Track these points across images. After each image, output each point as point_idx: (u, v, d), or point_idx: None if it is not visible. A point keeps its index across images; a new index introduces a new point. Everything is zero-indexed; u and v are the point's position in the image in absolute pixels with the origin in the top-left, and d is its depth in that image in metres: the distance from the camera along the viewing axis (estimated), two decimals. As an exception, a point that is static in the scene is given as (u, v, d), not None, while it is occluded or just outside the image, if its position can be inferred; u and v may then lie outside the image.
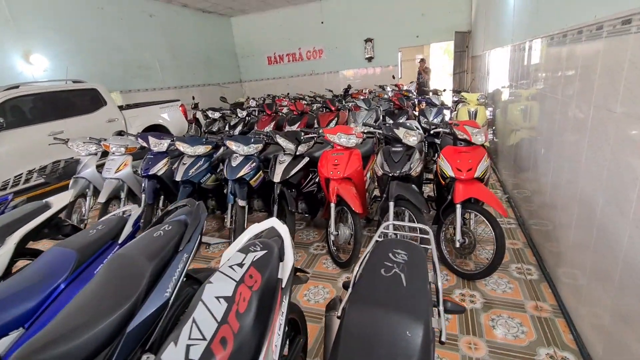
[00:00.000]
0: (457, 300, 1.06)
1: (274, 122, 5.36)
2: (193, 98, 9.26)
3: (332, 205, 2.50)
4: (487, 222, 2.14)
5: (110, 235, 1.47)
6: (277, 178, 2.58)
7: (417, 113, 5.05)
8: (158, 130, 6.34)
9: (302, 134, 2.67)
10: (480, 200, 2.21)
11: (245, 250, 1.13)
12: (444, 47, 13.72)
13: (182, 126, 6.85)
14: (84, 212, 3.31)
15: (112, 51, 7.39)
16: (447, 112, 7.10)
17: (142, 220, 1.75)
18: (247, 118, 5.66)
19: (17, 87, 4.38)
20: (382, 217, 2.48)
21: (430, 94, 6.13)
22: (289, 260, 1.13)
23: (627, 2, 1.29)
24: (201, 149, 2.95)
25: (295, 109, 5.23)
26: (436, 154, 4.07)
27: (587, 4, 1.73)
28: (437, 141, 3.66)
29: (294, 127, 5.05)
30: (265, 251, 1.12)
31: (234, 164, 2.77)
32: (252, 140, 2.84)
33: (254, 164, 2.79)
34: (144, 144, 3.10)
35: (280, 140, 2.62)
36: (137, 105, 6.07)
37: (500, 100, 4.44)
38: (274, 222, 1.28)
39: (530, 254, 2.52)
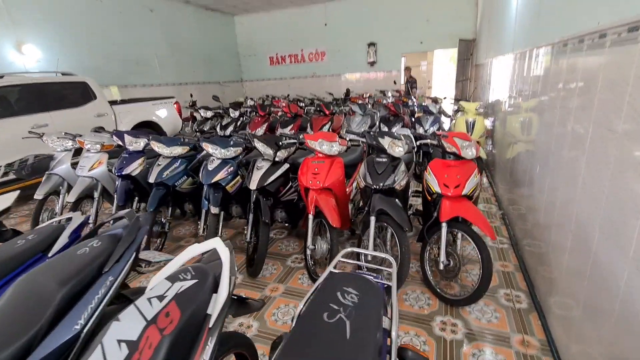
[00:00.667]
0: (418, 349, 0.88)
1: (266, 124, 5.21)
2: (191, 96, 9.14)
3: (310, 217, 2.33)
4: (473, 244, 1.97)
5: (40, 247, 1.31)
6: (253, 185, 2.41)
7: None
8: (150, 127, 6.21)
9: (284, 138, 2.50)
10: (467, 219, 2.03)
11: (173, 278, 0.96)
12: (450, 54, 13.57)
13: (176, 124, 6.70)
14: (56, 210, 3.16)
15: (109, 45, 7.27)
16: (446, 120, 6.95)
17: (87, 227, 1.59)
18: (240, 118, 5.51)
19: (1, 77, 4.25)
20: (363, 231, 2.31)
21: (430, 101, 5.95)
22: (223, 291, 0.96)
23: (636, 6, 1.12)
24: (178, 150, 2.80)
25: (288, 111, 5.08)
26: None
27: (591, 9, 1.56)
28: (431, 150, 3.50)
29: (287, 130, 4.89)
30: (196, 281, 0.95)
31: (210, 167, 2.61)
32: (231, 142, 2.68)
33: (232, 168, 2.63)
34: (120, 142, 2.94)
35: (259, 144, 2.45)
36: (129, 101, 5.92)
37: (500, 110, 4.26)
38: (216, 243, 1.11)
39: (521, 279, 2.34)
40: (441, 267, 2.04)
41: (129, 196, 2.92)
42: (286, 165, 2.56)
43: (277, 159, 2.51)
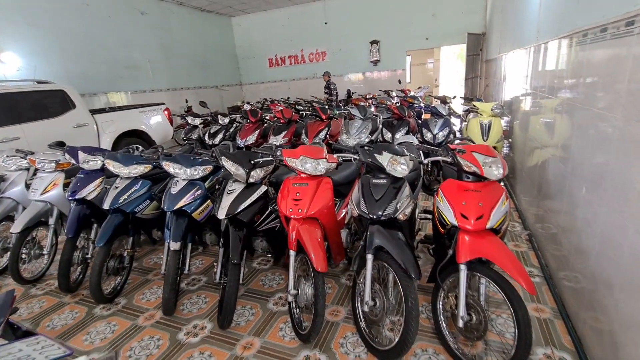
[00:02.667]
0: None
1: (257, 132, 4.75)
2: (186, 101, 8.76)
3: (292, 253, 1.86)
4: (504, 297, 1.47)
5: None
6: (221, 213, 1.95)
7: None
8: (138, 136, 5.82)
9: (260, 154, 2.02)
10: (493, 262, 1.53)
11: None
12: (458, 51, 12.96)
13: (166, 132, 6.31)
14: (9, 240, 2.75)
15: (96, 50, 6.92)
16: (457, 121, 6.41)
17: None
18: (231, 125, 5.07)
19: (-35, 87, 3.89)
20: (357, 272, 1.83)
21: (438, 102, 5.43)
22: None
23: None
24: (138, 170, 2.35)
25: (281, 116, 4.61)
26: (440, 172, 3.38)
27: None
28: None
29: (279, 138, 4.43)
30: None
31: (173, 190, 2.16)
32: (199, 160, 2.22)
33: (200, 191, 2.17)
34: (72, 161, 2.51)
35: (227, 163, 1.99)
36: (112, 109, 5.53)
37: (519, 109, 3.73)
38: None
39: (563, 330, 1.82)
40: (460, 324, 1.54)
41: (84, 224, 2.48)
42: (263, 188, 2.09)
43: (252, 180, 2.04)
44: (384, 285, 1.79)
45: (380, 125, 4.29)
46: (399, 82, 8.30)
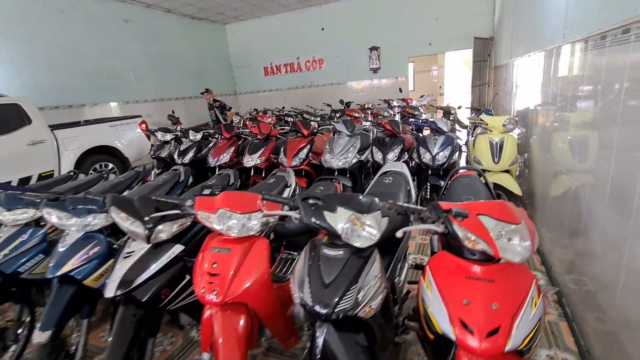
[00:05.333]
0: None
1: (233, 149, 4.17)
2: (173, 112, 8.25)
3: (205, 356, 1.22)
4: None
5: None
6: (109, 289, 1.33)
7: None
8: (108, 153, 5.29)
9: (169, 204, 1.41)
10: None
11: None
12: (464, 57, 12.31)
13: (142, 148, 5.76)
14: None
15: (73, 59, 6.47)
16: (463, 133, 5.73)
17: None
18: (205, 142, 4.49)
19: None
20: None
21: (440, 114, 4.79)
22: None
23: None
24: (27, 214, 1.75)
25: (258, 132, 4.01)
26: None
27: None
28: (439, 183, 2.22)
29: (255, 157, 3.83)
30: None
31: (61, 247, 1.56)
32: (97, 204, 1.61)
33: (97, 247, 1.56)
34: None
35: (119, 217, 1.37)
36: (77, 124, 5.00)
37: (536, 123, 3.07)
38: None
39: None
40: None
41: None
42: (177, 249, 1.46)
43: (154, 241, 1.42)
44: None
45: (372, 144, 3.66)
46: (400, 90, 7.67)
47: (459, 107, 5.41)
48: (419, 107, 5.81)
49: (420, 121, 4.24)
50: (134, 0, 7.36)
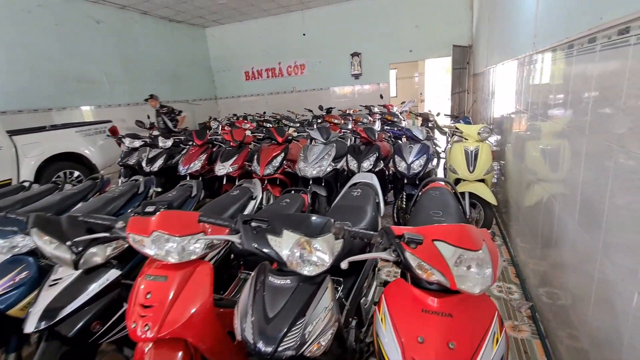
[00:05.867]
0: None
1: (205, 156, 3.99)
2: (148, 117, 7.97)
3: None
4: None
5: None
6: (30, 323, 1.16)
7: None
8: (75, 161, 5.01)
9: (101, 225, 1.25)
10: None
11: None
12: (445, 64, 12.50)
13: (112, 155, 5.48)
14: None
15: (39, 62, 6.15)
16: (443, 140, 5.72)
17: None
18: (177, 149, 4.30)
19: None
20: None
21: (418, 121, 4.77)
22: None
23: None
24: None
25: (231, 139, 3.86)
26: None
27: None
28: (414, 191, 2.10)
29: (227, 165, 3.67)
30: None
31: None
32: (20, 225, 1.43)
33: (25, 274, 1.38)
34: None
35: (41, 241, 1.21)
36: (39, 129, 4.71)
37: (511, 130, 3.05)
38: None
39: None
40: None
41: None
42: (112, 274, 1.30)
43: (94, 261, 1.26)
44: None
45: (347, 151, 3.56)
46: (381, 96, 7.66)
47: (438, 114, 5.40)
48: (399, 114, 5.78)
49: (396, 129, 4.17)
50: (107, 0, 7.09)
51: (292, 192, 2.22)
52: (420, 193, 1.95)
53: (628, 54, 1.04)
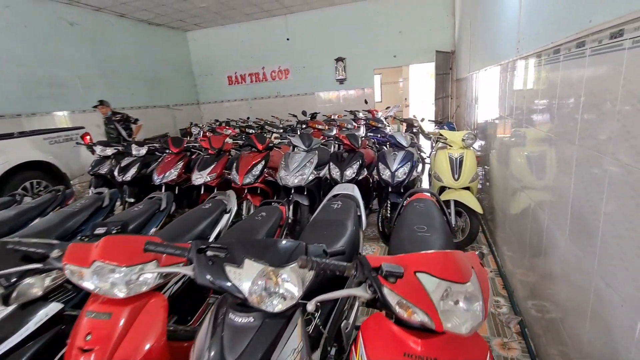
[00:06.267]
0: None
1: (182, 164, 3.80)
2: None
3: None
4: None
5: None
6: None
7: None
8: (42, 170, 4.71)
9: (35, 254, 1.08)
10: None
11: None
12: (430, 70, 12.63)
13: (84, 163, 5.19)
14: None
15: (7, 65, 5.81)
16: (427, 146, 5.70)
17: None
18: (152, 157, 4.08)
19: None
20: None
21: (403, 127, 4.71)
22: None
23: None
24: None
25: (209, 146, 3.69)
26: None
27: None
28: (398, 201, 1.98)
29: (204, 174, 3.50)
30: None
31: None
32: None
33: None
34: None
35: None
36: (5, 137, 4.41)
37: (493, 137, 3.00)
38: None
39: None
40: None
41: None
42: (51, 309, 1.13)
43: (25, 298, 1.08)
44: None
45: (330, 159, 3.44)
46: (366, 102, 7.61)
47: (422, 120, 5.37)
48: (383, 119, 5.73)
49: (380, 135, 4.09)
50: (81, 2, 6.81)
51: (272, 204, 2.09)
52: (404, 204, 1.85)
53: (622, 59, 0.96)
